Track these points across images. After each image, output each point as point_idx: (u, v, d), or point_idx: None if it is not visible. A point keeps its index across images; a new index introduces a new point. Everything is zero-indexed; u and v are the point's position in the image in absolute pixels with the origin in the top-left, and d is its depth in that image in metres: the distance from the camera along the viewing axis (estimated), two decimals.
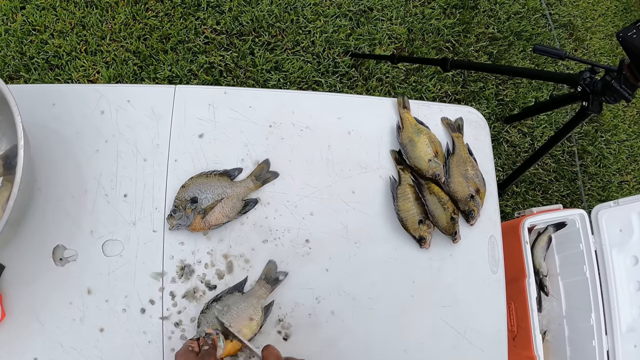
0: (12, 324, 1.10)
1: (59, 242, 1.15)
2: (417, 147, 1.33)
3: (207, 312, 1.13)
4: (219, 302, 1.14)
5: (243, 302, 1.15)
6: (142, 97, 1.26)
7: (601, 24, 3.10)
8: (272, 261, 1.21)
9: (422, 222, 1.29)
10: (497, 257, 1.36)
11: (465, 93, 2.65)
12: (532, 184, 2.65)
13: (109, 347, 1.11)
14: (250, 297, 1.16)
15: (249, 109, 1.30)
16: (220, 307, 1.13)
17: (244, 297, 1.16)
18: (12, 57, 2.24)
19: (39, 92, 1.25)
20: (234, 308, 1.13)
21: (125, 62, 2.30)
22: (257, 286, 1.18)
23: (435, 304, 1.29)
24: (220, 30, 2.42)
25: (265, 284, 1.18)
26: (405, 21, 2.66)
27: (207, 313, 1.13)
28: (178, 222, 1.15)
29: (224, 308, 1.13)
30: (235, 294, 1.16)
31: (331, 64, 2.49)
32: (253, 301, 1.16)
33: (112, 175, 1.20)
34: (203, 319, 1.13)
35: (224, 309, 1.13)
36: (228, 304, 1.13)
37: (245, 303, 1.15)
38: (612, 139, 2.85)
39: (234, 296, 1.15)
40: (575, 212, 1.78)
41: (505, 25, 2.82)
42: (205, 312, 1.13)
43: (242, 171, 1.24)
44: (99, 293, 1.13)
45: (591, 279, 1.72)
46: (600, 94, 1.62)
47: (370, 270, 1.27)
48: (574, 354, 1.79)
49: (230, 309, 1.13)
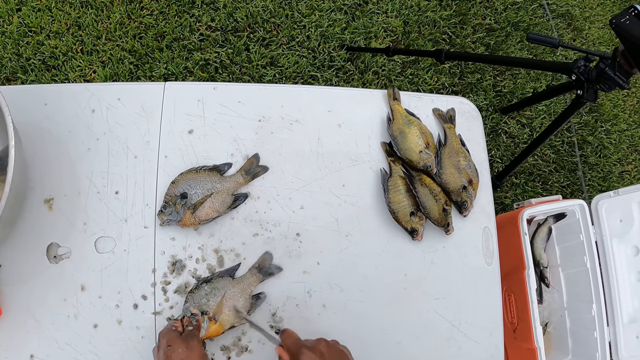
0: (8, 321, 1.11)
1: (52, 240, 1.16)
2: (407, 138, 1.32)
3: (196, 292, 1.14)
4: (209, 284, 1.15)
5: (232, 287, 1.16)
6: (132, 94, 1.27)
7: (599, 13, 3.08)
8: (269, 253, 1.22)
9: (414, 214, 1.28)
10: (492, 249, 1.35)
11: (463, 85, 2.64)
12: (531, 175, 2.64)
13: (103, 342, 1.12)
14: (240, 284, 1.17)
15: (238, 104, 1.30)
16: (209, 289, 1.14)
17: (234, 282, 1.17)
18: (9, 58, 2.25)
19: (30, 93, 1.26)
20: (222, 291, 1.14)
21: (121, 61, 2.30)
22: (248, 273, 1.19)
23: (428, 296, 1.29)
24: (215, 27, 2.42)
25: (256, 273, 1.19)
26: (401, 14, 2.64)
27: (196, 293, 1.14)
28: (168, 218, 1.16)
29: (213, 290, 1.14)
30: (226, 278, 1.17)
31: (327, 58, 2.49)
32: (242, 287, 1.17)
33: (103, 172, 1.21)
34: (190, 299, 1.14)
35: (212, 291, 1.14)
36: (217, 287, 1.14)
37: (235, 289, 1.16)
38: (613, 128, 2.83)
39: (224, 280, 1.16)
40: (574, 202, 1.77)
41: (502, 16, 2.80)
42: (193, 291, 1.14)
43: (231, 166, 1.25)
44: (93, 289, 1.14)
45: (592, 269, 1.71)
46: (595, 82, 1.61)
47: (361, 263, 1.27)
48: (576, 345, 1.79)
49: (218, 291, 1.14)
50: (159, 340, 1.00)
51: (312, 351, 0.96)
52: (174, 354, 0.94)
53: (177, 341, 0.97)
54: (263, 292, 1.20)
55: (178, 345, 0.95)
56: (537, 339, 1.64)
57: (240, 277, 1.18)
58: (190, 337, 1.00)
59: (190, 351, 0.95)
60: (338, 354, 0.98)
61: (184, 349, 0.95)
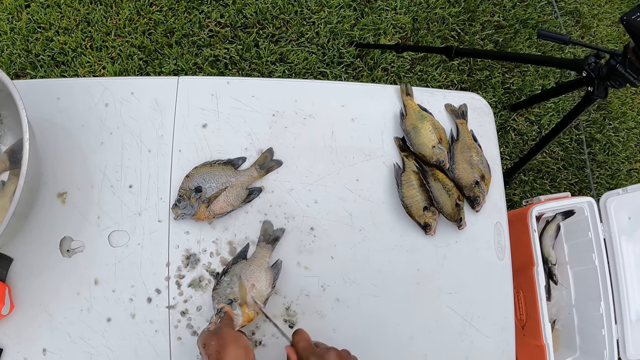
0: (21, 315, 1.12)
1: (66, 234, 1.16)
2: (420, 133, 1.33)
3: (219, 288, 1.14)
4: (227, 275, 1.15)
5: (248, 267, 1.16)
6: (146, 89, 1.27)
7: (607, 11, 3.07)
8: (267, 221, 1.23)
9: (427, 209, 1.29)
10: (504, 244, 1.35)
11: (472, 82, 2.64)
12: (540, 172, 2.64)
13: (116, 336, 1.13)
14: (254, 261, 1.18)
15: (252, 98, 1.30)
16: (228, 279, 1.14)
17: (248, 262, 1.17)
18: (18, 54, 2.25)
19: (43, 87, 1.26)
20: (242, 275, 1.14)
21: (131, 57, 2.31)
22: (258, 248, 1.20)
23: (440, 291, 1.29)
24: (224, 23, 2.42)
25: (265, 245, 1.20)
26: (410, 10, 2.64)
27: (219, 288, 1.14)
28: (183, 212, 1.16)
29: (232, 278, 1.14)
30: (240, 262, 1.17)
31: (336, 54, 2.49)
32: (257, 263, 1.17)
33: (117, 166, 1.21)
34: (216, 296, 1.14)
35: (232, 278, 1.14)
36: (235, 273, 1.15)
37: (251, 267, 1.16)
38: (621, 126, 2.83)
39: (239, 264, 1.17)
40: (583, 199, 1.77)
41: (511, 13, 2.80)
42: (216, 288, 1.15)
43: (245, 160, 1.25)
44: (106, 283, 1.15)
45: (600, 267, 1.71)
46: (606, 78, 1.61)
47: (375, 257, 1.27)
48: (584, 342, 1.79)
49: (238, 277, 1.14)
50: (198, 348, 1.00)
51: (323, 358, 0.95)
52: (209, 349, 0.94)
53: (208, 337, 0.97)
54: (279, 259, 1.20)
55: (210, 340, 0.95)
56: (546, 336, 1.64)
57: (252, 255, 1.19)
58: (220, 327, 1.00)
59: (221, 338, 0.95)
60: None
61: (215, 339, 0.95)
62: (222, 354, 0.92)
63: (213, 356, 0.93)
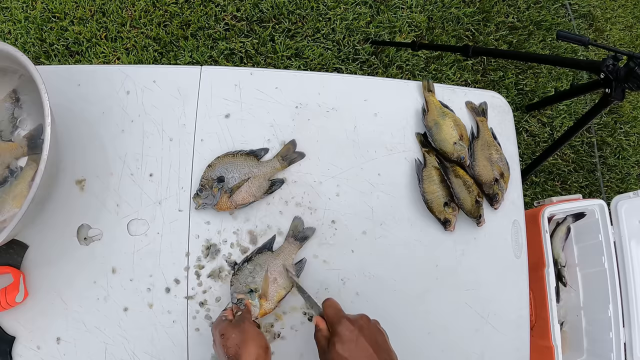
0: (35, 303, 1.11)
1: (83, 222, 1.15)
2: (442, 130, 1.32)
3: (240, 273, 1.14)
4: (250, 262, 1.15)
5: (273, 260, 1.16)
6: (168, 77, 1.27)
7: (621, 15, 3.07)
8: (298, 217, 1.23)
9: (447, 205, 1.28)
10: (521, 242, 1.35)
11: (485, 82, 2.64)
12: (551, 174, 2.64)
13: (133, 326, 1.12)
14: (280, 255, 1.17)
15: (275, 90, 1.30)
16: (251, 267, 1.14)
17: (274, 255, 1.17)
18: (32, 43, 2.25)
19: (64, 73, 1.25)
20: (265, 266, 1.15)
21: (146, 48, 2.30)
22: (285, 243, 1.20)
23: (459, 287, 1.29)
24: (240, 17, 2.42)
25: (293, 241, 1.20)
26: (425, 9, 2.64)
27: (240, 274, 1.14)
28: (204, 202, 1.16)
29: (255, 267, 1.14)
30: (265, 253, 1.17)
31: (351, 51, 2.49)
32: (283, 257, 1.17)
33: (137, 154, 1.20)
34: (236, 282, 1.13)
35: (255, 268, 1.14)
36: (259, 263, 1.15)
37: (276, 261, 1.16)
38: (632, 130, 2.83)
39: (264, 255, 1.17)
40: (594, 202, 1.76)
41: (525, 15, 2.80)
42: (237, 273, 1.14)
43: (268, 151, 1.24)
44: (124, 272, 1.14)
45: (609, 270, 1.70)
46: (623, 80, 1.61)
47: (395, 252, 1.27)
48: (591, 345, 1.78)
49: (261, 267, 1.14)
50: (213, 334, 1.00)
51: (352, 323, 0.95)
52: (228, 341, 0.94)
53: (228, 329, 0.96)
54: (304, 258, 1.20)
55: (230, 332, 0.95)
56: (555, 337, 1.63)
57: (278, 249, 1.19)
58: (241, 320, 0.99)
59: (243, 333, 0.95)
60: (377, 333, 0.97)
61: (236, 333, 0.94)
62: (242, 350, 0.92)
63: (232, 349, 0.93)
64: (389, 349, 0.96)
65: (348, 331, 0.93)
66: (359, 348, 0.91)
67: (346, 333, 0.93)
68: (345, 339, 0.92)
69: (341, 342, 0.92)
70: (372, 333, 0.95)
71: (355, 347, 0.91)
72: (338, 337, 0.93)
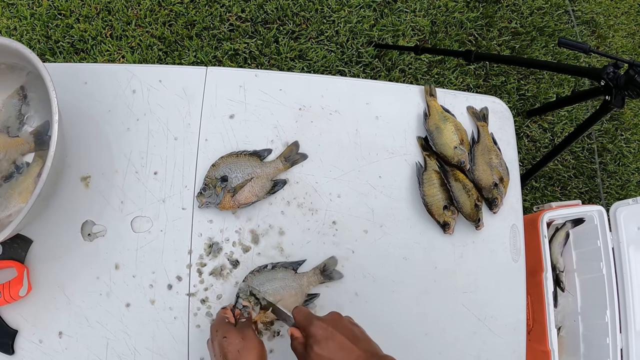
0: (38, 298, 1.12)
1: (88, 218, 1.17)
2: (443, 134, 1.34)
3: (257, 275, 1.16)
4: (271, 271, 1.17)
5: (293, 282, 1.17)
6: (174, 77, 1.28)
7: (624, 22, 3.08)
8: (334, 257, 1.24)
9: (447, 208, 1.30)
10: (519, 246, 1.37)
11: (487, 87, 2.65)
12: (551, 179, 2.65)
13: (135, 322, 1.13)
14: (300, 280, 1.18)
15: (279, 91, 1.31)
16: (270, 276, 1.15)
17: (297, 277, 1.18)
18: (38, 40, 2.26)
19: (71, 71, 1.26)
20: (282, 282, 1.16)
21: (150, 47, 2.32)
22: (311, 272, 1.21)
23: (456, 289, 1.30)
24: (245, 17, 2.43)
25: (319, 274, 1.21)
26: (429, 13, 2.65)
27: (256, 275, 1.16)
28: (208, 200, 1.17)
29: (273, 279, 1.16)
30: (290, 270, 1.18)
31: (355, 54, 2.50)
32: (302, 284, 1.18)
33: (142, 153, 1.22)
34: (251, 279, 1.15)
35: (272, 279, 1.15)
36: (277, 277, 1.16)
37: (294, 283, 1.17)
38: (632, 137, 2.83)
39: (287, 271, 1.18)
40: (593, 208, 1.77)
41: (528, 21, 2.81)
42: (255, 273, 1.16)
43: (271, 152, 1.26)
44: (127, 269, 1.15)
45: (607, 276, 1.71)
46: (624, 88, 1.62)
47: (394, 253, 1.28)
48: (588, 350, 1.79)
49: (277, 281, 1.15)
50: (212, 332, 0.99)
51: (324, 321, 0.94)
52: (230, 345, 0.93)
53: (232, 332, 0.96)
54: (318, 294, 1.21)
55: (234, 337, 0.95)
56: (552, 341, 1.64)
57: (302, 273, 1.20)
58: (246, 327, 0.99)
59: (246, 341, 0.95)
60: (352, 325, 0.96)
61: (240, 339, 0.94)
62: (243, 357, 0.92)
63: (232, 354, 0.93)
64: (368, 339, 0.95)
65: (321, 329, 0.93)
66: (336, 343, 0.91)
67: (319, 332, 0.93)
68: (320, 337, 0.92)
69: (317, 343, 0.91)
70: (346, 326, 0.95)
71: (333, 343, 0.91)
72: (313, 338, 0.93)
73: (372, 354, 0.91)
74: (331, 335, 0.92)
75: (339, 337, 0.92)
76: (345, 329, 0.94)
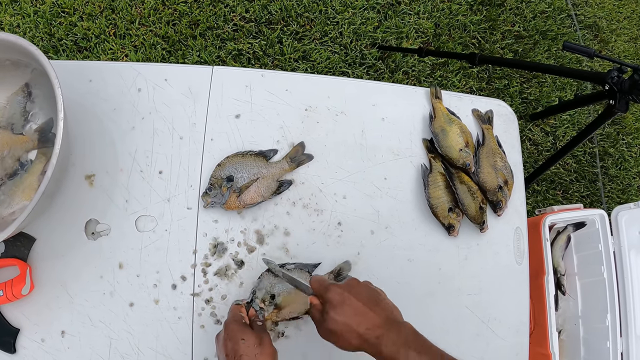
0: (41, 296, 1.11)
1: (92, 217, 1.16)
2: (448, 136, 1.34)
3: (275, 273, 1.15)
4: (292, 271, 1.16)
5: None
6: (180, 76, 1.27)
7: (626, 27, 3.09)
8: (348, 262, 1.24)
9: (452, 210, 1.30)
10: (523, 249, 1.37)
11: (490, 90, 2.66)
12: (552, 183, 2.65)
13: (138, 321, 1.13)
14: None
15: (285, 92, 1.31)
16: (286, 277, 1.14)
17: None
18: (41, 38, 2.26)
19: (76, 68, 1.26)
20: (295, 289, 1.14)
21: (154, 46, 2.31)
22: (326, 276, 1.20)
23: (460, 291, 1.30)
24: (249, 18, 2.43)
25: (333, 278, 1.20)
26: (433, 16, 2.66)
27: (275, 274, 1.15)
28: (213, 200, 1.17)
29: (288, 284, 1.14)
30: (305, 272, 1.18)
31: (358, 55, 2.50)
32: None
33: (147, 152, 1.21)
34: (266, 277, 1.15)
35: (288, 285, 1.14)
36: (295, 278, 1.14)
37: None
38: (634, 142, 2.84)
39: (302, 273, 1.17)
40: (595, 212, 1.78)
41: (531, 24, 2.82)
42: (272, 271, 1.15)
43: (277, 152, 1.25)
44: (131, 268, 1.15)
45: (608, 280, 1.71)
46: (628, 92, 1.62)
47: (399, 255, 1.28)
48: (588, 354, 1.79)
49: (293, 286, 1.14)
50: (226, 329, 0.98)
51: (339, 287, 0.95)
52: (248, 349, 0.92)
53: (251, 336, 0.95)
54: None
55: (252, 341, 0.94)
56: (553, 344, 1.64)
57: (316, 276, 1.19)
58: (263, 332, 0.98)
59: (264, 347, 0.94)
60: (370, 290, 0.97)
61: (257, 344, 0.94)
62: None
63: (248, 357, 0.91)
64: (387, 304, 0.96)
65: (337, 295, 0.93)
66: (352, 308, 0.91)
67: (335, 297, 0.92)
68: (336, 302, 0.92)
69: (332, 307, 0.92)
70: (363, 291, 0.95)
71: (349, 308, 0.91)
72: (329, 303, 0.93)
73: (388, 319, 0.92)
74: (347, 300, 0.92)
75: (354, 302, 0.92)
76: (361, 294, 0.94)
